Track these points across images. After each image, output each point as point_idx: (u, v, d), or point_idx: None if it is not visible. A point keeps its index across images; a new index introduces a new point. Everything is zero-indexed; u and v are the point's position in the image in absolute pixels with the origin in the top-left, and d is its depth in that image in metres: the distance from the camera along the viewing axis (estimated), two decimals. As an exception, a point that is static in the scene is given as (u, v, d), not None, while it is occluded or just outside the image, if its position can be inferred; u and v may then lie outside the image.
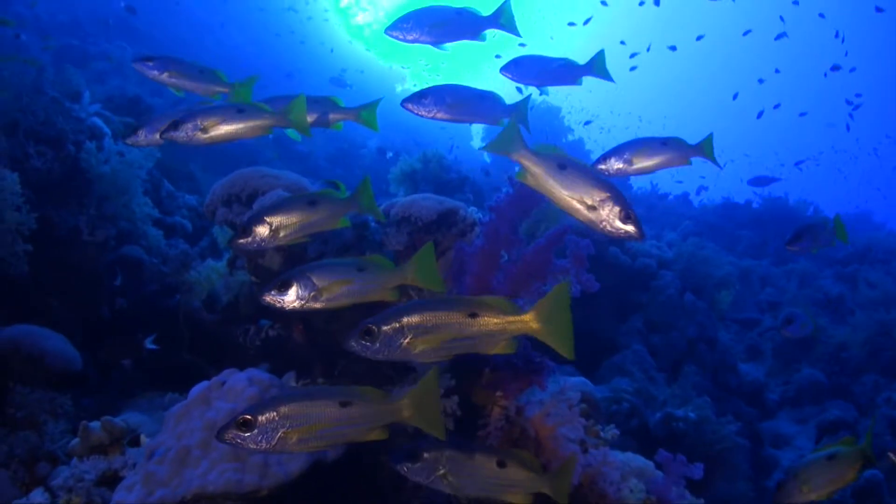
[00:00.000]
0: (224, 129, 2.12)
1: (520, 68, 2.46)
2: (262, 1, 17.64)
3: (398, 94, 17.78)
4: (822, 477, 2.04)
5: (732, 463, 4.36)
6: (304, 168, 9.69)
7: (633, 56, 11.42)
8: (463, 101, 2.15)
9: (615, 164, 2.07)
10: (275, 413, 1.53)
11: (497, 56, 9.27)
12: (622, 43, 12.03)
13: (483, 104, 2.19)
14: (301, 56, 17.11)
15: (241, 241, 1.92)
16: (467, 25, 2.35)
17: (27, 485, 2.67)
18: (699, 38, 12.64)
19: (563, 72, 2.46)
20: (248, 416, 1.53)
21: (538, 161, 1.64)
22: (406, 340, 1.56)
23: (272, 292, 1.75)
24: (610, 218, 1.59)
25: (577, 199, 1.60)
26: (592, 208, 1.58)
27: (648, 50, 11.92)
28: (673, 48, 11.74)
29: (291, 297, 1.74)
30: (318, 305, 1.75)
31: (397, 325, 1.56)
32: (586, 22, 11.65)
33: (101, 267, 4.30)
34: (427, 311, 1.57)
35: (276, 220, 1.91)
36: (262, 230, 1.90)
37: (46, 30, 11.58)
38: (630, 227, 1.58)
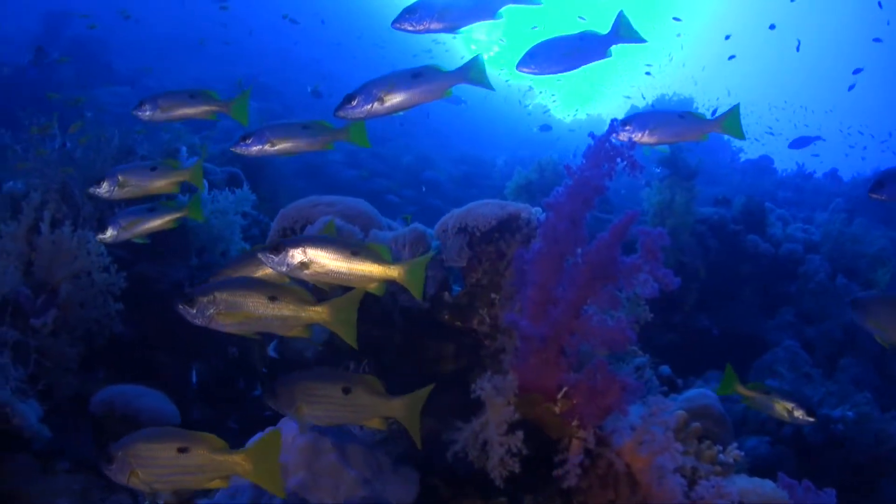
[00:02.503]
0: (139, 185, 2.37)
1: (537, 59, 2.21)
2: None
3: (529, 109, 17.63)
4: None
5: (902, 463, 3.75)
6: (437, 194, 9.68)
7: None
8: (396, 89, 1.98)
9: (632, 134, 1.82)
10: (124, 452, 1.59)
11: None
12: (727, 38, 11.52)
13: (419, 83, 1.99)
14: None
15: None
16: (481, 4, 2.09)
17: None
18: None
19: (588, 47, 2.17)
20: (109, 453, 1.61)
21: None
22: (215, 312, 1.73)
23: (266, 253, 1.83)
24: None
25: None
26: None
27: (798, 49, 11.12)
28: (772, 26, 10.95)
29: (280, 261, 1.79)
30: (304, 275, 1.81)
31: (210, 298, 1.73)
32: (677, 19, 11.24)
33: (207, 317, 4.26)
34: (234, 289, 1.76)
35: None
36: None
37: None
38: None
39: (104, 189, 2.37)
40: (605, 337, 1.64)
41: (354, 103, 1.98)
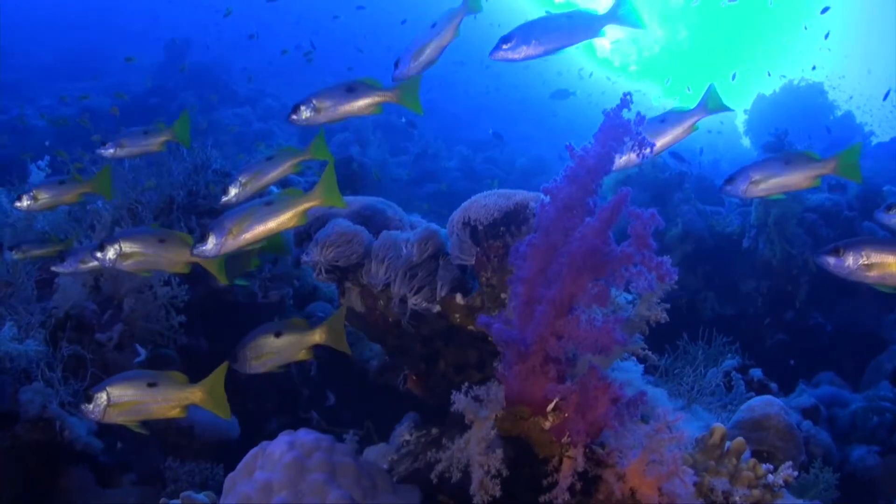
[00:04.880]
0: (51, 197, 2.71)
1: (509, 41, 2.05)
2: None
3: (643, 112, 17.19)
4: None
5: None
6: (528, 186, 9.46)
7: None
8: (331, 102, 2.10)
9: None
10: (101, 391, 1.90)
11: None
12: (823, 11, 10.69)
13: (352, 97, 2.10)
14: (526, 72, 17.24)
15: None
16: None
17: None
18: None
19: (576, 25, 2.02)
20: (88, 393, 1.94)
21: None
22: (115, 255, 2.12)
23: (196, 245, 2.02)
24: None
25: None
26: None
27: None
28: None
29: (210, 246, 1.99)
30: (234, 244, 2.00)
31: (116, 244, 2.11)
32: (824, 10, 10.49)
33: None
34: (134, 235, 2.15)
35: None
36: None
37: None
38: None
39: (24, 203, 2.71)
40: (591, 340, 1.41)
41: (298, 112, 2.13)
